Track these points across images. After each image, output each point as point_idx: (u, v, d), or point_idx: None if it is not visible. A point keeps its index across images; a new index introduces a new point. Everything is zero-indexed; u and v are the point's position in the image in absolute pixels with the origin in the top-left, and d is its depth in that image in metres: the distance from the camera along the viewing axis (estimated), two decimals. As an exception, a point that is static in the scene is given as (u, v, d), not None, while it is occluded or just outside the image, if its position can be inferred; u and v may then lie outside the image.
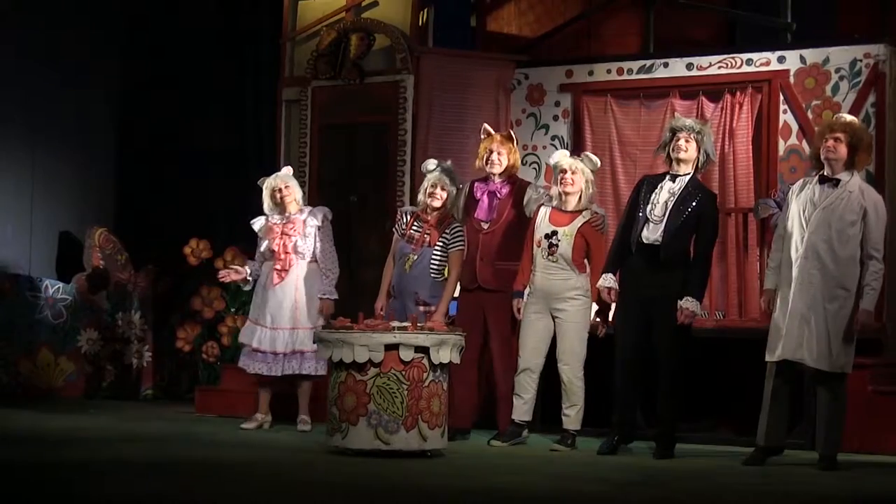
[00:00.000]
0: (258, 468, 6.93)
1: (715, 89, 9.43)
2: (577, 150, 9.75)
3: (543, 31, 10.81)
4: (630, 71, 9.71)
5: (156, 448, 7.70)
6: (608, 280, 7.98)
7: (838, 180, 7.50)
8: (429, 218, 8.63)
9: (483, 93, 9.95)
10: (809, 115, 9.07)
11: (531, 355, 8.28)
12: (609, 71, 9.78)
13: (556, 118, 9.92)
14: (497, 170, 8.59)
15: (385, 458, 7.32)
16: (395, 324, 7.60)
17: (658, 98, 9.60)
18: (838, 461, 7.48)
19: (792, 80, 9.18)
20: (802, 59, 9.17)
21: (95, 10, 12.14)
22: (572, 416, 8.24)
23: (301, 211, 9.10)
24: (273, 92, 10.70)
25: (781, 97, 9.19)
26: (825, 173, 7.55)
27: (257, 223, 9.19)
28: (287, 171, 9.26)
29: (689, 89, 9.51)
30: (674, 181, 7.90)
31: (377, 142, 9.92)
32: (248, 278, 9.18)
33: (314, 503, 5.90)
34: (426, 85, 9.85)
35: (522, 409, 8.35)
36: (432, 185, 8.60)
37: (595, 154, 9.66)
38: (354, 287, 9.24)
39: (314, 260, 9.04)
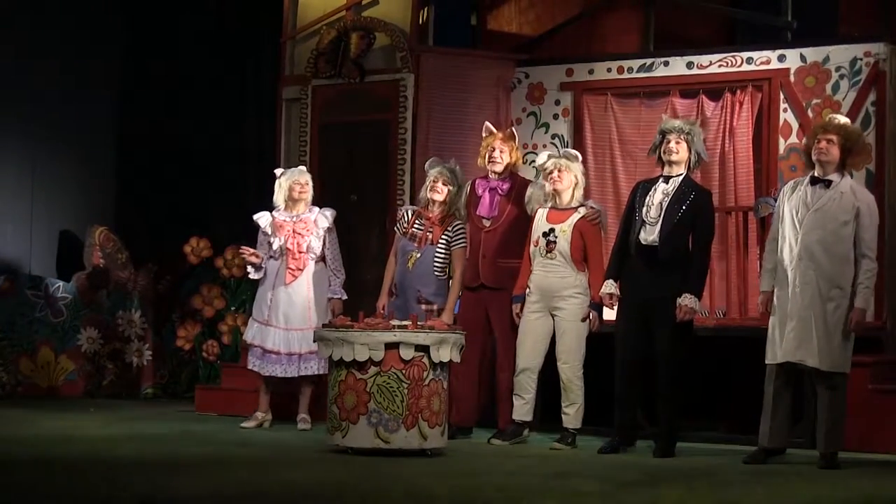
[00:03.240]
0: (258, 467, 6.93)
1: (715, 88, 9.43)
2: (577, 149, 9.76)
3: (544, 29, 10.80)
4: (630, 69, 9.71)
5: (156, 447, 7.70)
6: (609, 286, 8.03)
7: (830, 181, 7.56)
8: (431, 215, 8.66)
9: (483, 91, 9.96)
10: (810, 114, 9.07)
11: (530, 355, 8.29)
12: (609, 69, 9.78)
13: (556, 117, 9.92)
14: (498, 168, 8.62)
15: (385, 457, 7.32)
16: (395, 322, 7.61)
17: (658, 97, 9.60)
18: (839, 460, 7.49)
19: (792, 78, 9.18)
20: (803, 57, 9.18)
21: (96, 10, 12.14)
22: (572, 414, 8.25)
23: (310, 210, 9.11)
24: (273, 91, 10.70)
25: (782, 96, 9.20)
26: (816, 174, 7.62)
27: (263, 218, 9.14)
28: (304, 169, 9.29)
29: (690, 88, 9.52)
30: (667, 182, 7.95)
31: (377, 141, 9.92)
32: (262, 266, 9.10)
33: (314, 502, 5.90)
34: (426, 84, 9.85)
35: (523, 409, 8.36)
36: (433, 180, 8.66)
37: (595, 153, 9.73)
38: (354, 286, 9.24)
39: (321, 260, 9.05)
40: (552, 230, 8.24)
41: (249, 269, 9.20)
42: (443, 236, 8.63)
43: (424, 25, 10.21)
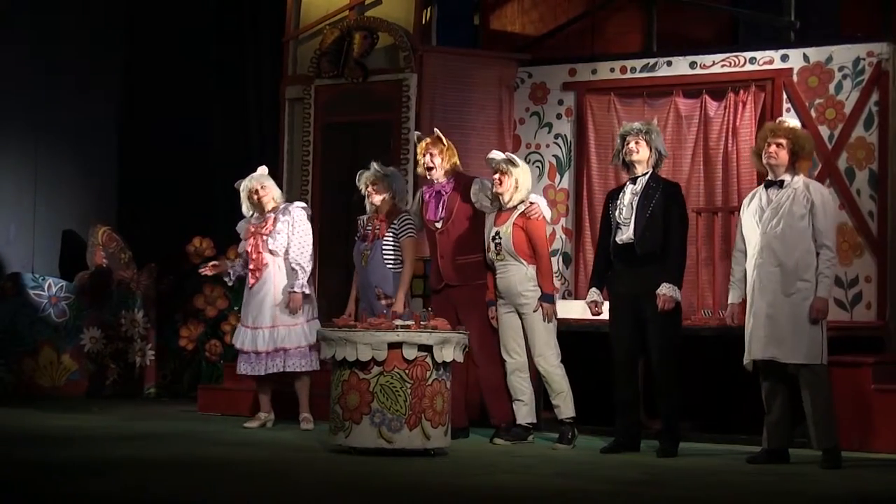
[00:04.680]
0: (261, 467, 6.93)
1: (718, 88, 9.43)
2: (580, 149, 9.77)
3: (546, 29, 10.79)
4: (633, 69, 9.71)
5: (158, 447, 7.70)
6: (592, 294, 8.16)
7: (782, 181, 7.66)
8: (378, 216, 8.71)
9: (486, 91, 9.95)
10: (813, 114, 9.07)
11: (515, 355, 8.34)
12: (612, 69, 9.78)
13: (559, 117, 9.92)
14: (435, 174, 8.63)
15: (388, 457, 7.32)
16: (399, 322, 7.60)
17: (661, 97, 9.60)
18: (841, 457, 7.48)
19: (795, 78, 9.18)
20: (806, 57, 9.17)
21: (96, 10, 12.14)
22: (562, 405, 8.26)
23: (276, 209, 9.09)
24: (276, 90, 10.70)
25: (784, 96, 9.19)
26: (769, 178, 7.74)
27: (240, 225, 9.22)
28: (262, 170, 9.24)
29: (693, 88, 9.52)
30: (634, 183, 8.03)
31: (380, 140, 9.91)
32: (230, 271, 9.22)
33: (317, 502, 5.90)
34: (429, 83, 9.85)
35: (524, 410, 8.36)
36: (364, 185, 8.71)
37: (598, 152, 9.73)
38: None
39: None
40: (497, 233, 8.32)
41: (225, 277, 9.35)
42: (389, 229, 8.67)
43: (427, 25, 10.21)
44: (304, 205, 9.18)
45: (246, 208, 9.15)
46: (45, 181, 11.66)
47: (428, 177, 8.65)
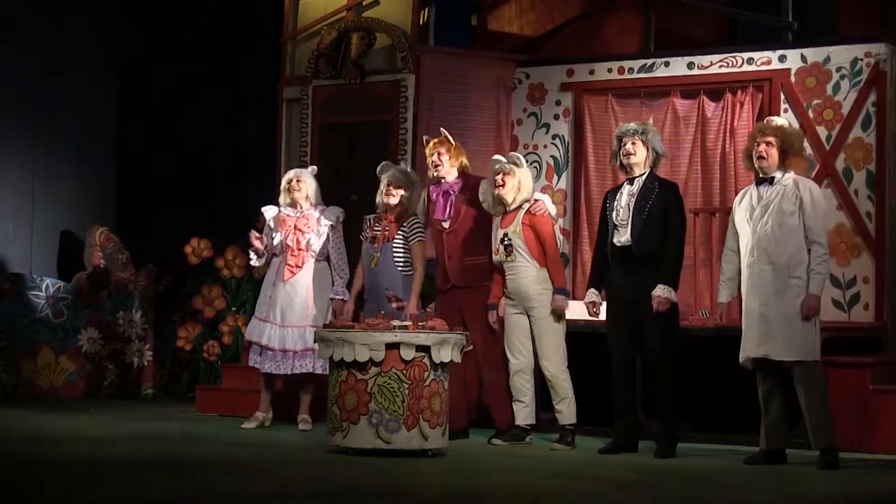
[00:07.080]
0: (259, 467, 6.93)
1: (716, 88, 9.44)
2: (577, 149, 9.78)
3: (544, 30, 10.81)
4: (631, 70, 9.72)
5: (156, 447, 7.70)
6: (590, 295, 8.15)
7: (773, 178, 7.66)
8: (389, 217, 8.70)
9: (484, 92, 9.96)
10: (810, 115, 9.07)
11: (520, 356, 8.31)
12: (610, 70, 9.79)
13: (556, 117, 9.92)
14: (443, 172, 8.63)
15: (386, 458, 7.32)
16: (396, 323, 7.60)
17: (659, 97, 9.61)
18: (839, 457, 7.47)
19: (793, 79, 9.19)
20: (803, 58, 9.18)
21: (96, 10, 12.14)
22: (564, 410, 8.25)
23: (313, 207, 9.09)
24: (274, 91, 10.70)
25: (782, 96, 9.20)
26: (760, 175, 7.72)
27: (269, 211, 9.17)
28: (311, 168, 9.25)
29: (690, 88, 9.53)
30: (631, 183, 8.02)
31: (378, 141, 9.92)
32: (265, 253, 9.11)
33: (314, 502, 5.90)
34: (427, 84, 9.85)
35: (524, 412, 8.35)
36: (386, 184, 8.69)
37: (596, 153, 9.74)
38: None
39: (324, 259, 9.05)
40: (506, 234, 8.30)
41: (251, 255, 9.20)
42: (399, 232, 8.66)
43: (425, 26, 10.22)
44: (341, 210, 9.17)
45: (282, 197, 9.13)
46: (43, 181, 11.65)
47: (435, 175, 8.64)
